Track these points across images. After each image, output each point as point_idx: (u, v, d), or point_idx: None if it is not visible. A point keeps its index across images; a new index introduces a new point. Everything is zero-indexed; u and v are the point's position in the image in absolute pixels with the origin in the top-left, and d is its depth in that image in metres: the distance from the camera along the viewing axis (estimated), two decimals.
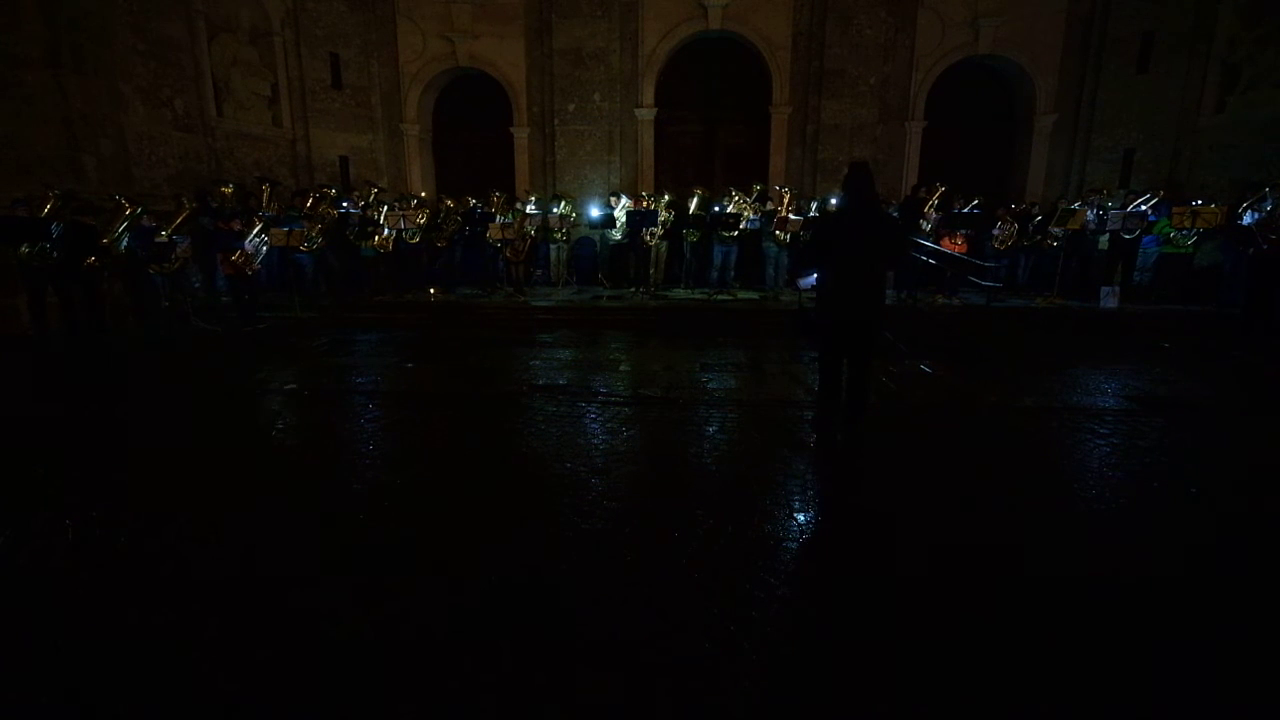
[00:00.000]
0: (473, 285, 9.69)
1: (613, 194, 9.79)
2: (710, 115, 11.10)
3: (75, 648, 1.95)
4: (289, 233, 7.73)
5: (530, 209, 9.32)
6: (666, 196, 9.42)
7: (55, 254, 6.20)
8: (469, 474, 3.34)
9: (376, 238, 8.77)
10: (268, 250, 7.76)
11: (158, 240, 7.02)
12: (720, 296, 8.86)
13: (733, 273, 9.25)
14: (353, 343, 6.82)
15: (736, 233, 8.76)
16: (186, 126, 8.84)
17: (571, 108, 10.44)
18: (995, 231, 8.54)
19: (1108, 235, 8.37)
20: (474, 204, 9.42)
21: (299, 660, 1.89)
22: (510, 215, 9.18)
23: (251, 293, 7.71)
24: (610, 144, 10.60)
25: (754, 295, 9.03)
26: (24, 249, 6.15)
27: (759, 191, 9.32)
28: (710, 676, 1.80)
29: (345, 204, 9.31)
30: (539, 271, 10.19)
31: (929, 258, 8.39)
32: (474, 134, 11.48)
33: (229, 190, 8.67)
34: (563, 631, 2.00)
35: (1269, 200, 6.98)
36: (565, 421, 4.11)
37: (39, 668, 1.86)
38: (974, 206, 8.63)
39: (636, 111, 10.64)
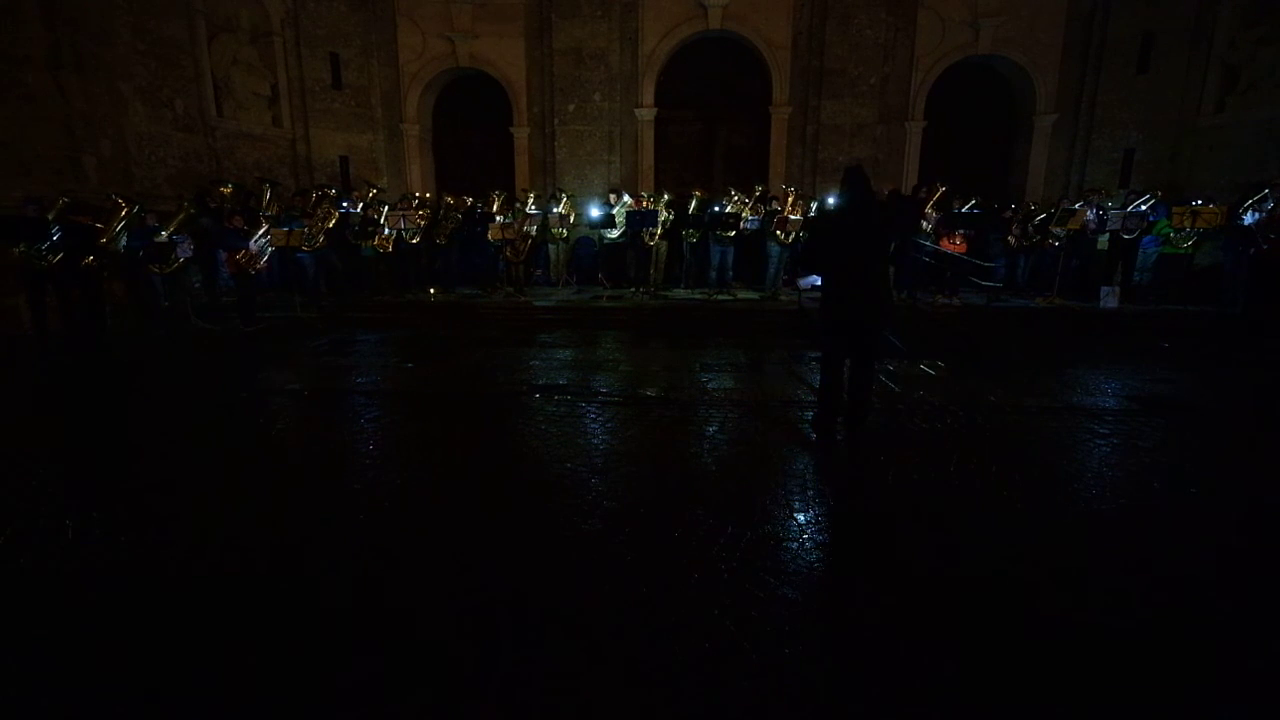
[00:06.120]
0: (473, 285, 9.69)
1: (612, 192, 9.79)
2: (710, 115, 11.10)
3: (74, 643, 1.95)
4: (289, 232, 7.74)
5: (530, 209, 9.32)
6: (666, 196, 9.42)
7: (50, 255, 6.17)
8: (468, 474, 3.34)
9: (376, 238, 8.77)
10: (270, 250, 7.76)
11: (157, 240, 7.03)
12: (720, 296, 8.85)
13: (732, 273, 9.24)
14: (353, 342, 6.82)
15: (735, 233, 8.77)
16: (186, 126, 8.85)
17: (571, 108, 10.44)
18: (1014, 234, 8.56)
19: (1108, 235, 8.37)
20: (474, 204, 9.41)
21: (297, 660, 1.89)
22: (510, 215, 9.18)
23: (252, 292, 7.71)
24: (610, 144, 10.60)
25: (754, 295, 9.02)
26: (19, 249, 6.14)
27: (760, 192, 9.32)
28: (710, 677, 1.80)
29: (345, 204, 9.31)
30: (539, 271, 10.19)
31: (930, 258, 8.40)
32: (474, 134, 11.49)
33: (229, 190, 8.68)
34: (562, 632, 2.00)
35: (1270, 200, 6.98)
36: (565, 421, 4.11)
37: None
38: (973, 206, 8.64)
39: (636, 111, 10.65)
